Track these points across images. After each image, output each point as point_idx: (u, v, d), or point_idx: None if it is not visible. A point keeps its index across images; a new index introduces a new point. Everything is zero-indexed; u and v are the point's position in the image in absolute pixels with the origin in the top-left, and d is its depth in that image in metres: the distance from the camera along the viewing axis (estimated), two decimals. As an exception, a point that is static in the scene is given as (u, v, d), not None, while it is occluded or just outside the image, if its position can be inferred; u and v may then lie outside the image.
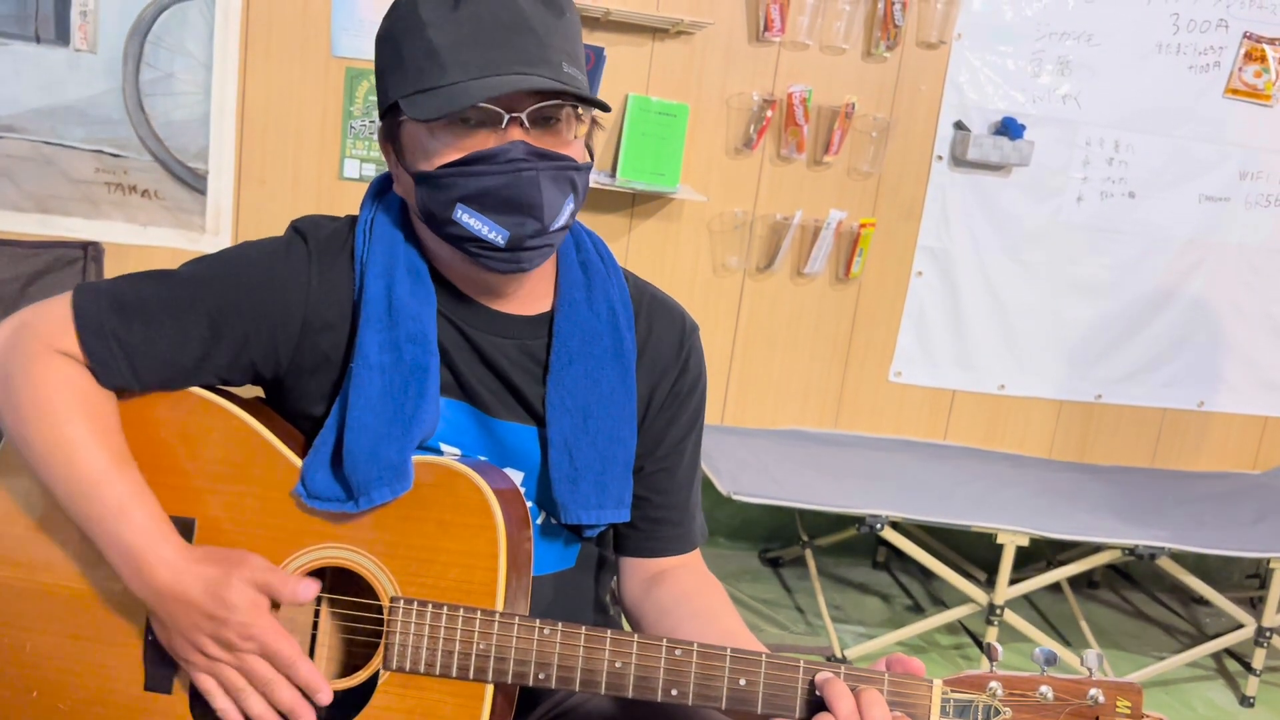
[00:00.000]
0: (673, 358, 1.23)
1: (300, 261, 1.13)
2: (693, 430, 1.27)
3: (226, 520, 1.10)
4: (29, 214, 2.84)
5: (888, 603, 3.30)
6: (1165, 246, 3.36)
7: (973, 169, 3.21)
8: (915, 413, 3.40)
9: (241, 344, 1.12)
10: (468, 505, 1.07)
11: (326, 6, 2.86)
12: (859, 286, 3.27)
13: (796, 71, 3.08)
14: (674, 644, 1.02)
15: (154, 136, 2.87)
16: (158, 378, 1.11)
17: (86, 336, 1.08)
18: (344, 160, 2.96)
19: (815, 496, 2.73)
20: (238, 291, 1.11)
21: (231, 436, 1.12)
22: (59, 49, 2.78)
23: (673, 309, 1.27)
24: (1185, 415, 3.55)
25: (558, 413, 1.15)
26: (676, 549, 1.27)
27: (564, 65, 1.03)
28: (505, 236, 1.05)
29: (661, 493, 1.25)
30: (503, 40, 1.01)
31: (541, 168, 1.03)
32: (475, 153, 1.03)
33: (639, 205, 3.12)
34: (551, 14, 1.04)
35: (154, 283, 1.12)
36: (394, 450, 1.07)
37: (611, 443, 1.17)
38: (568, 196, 1.07)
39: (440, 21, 1.02)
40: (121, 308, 1.09)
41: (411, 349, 1.10)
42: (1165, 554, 2.74)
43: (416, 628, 1.05)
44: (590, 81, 2.91)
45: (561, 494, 1.16)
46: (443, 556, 1.07)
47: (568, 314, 1.17)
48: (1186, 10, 3.17)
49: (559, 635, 1.03)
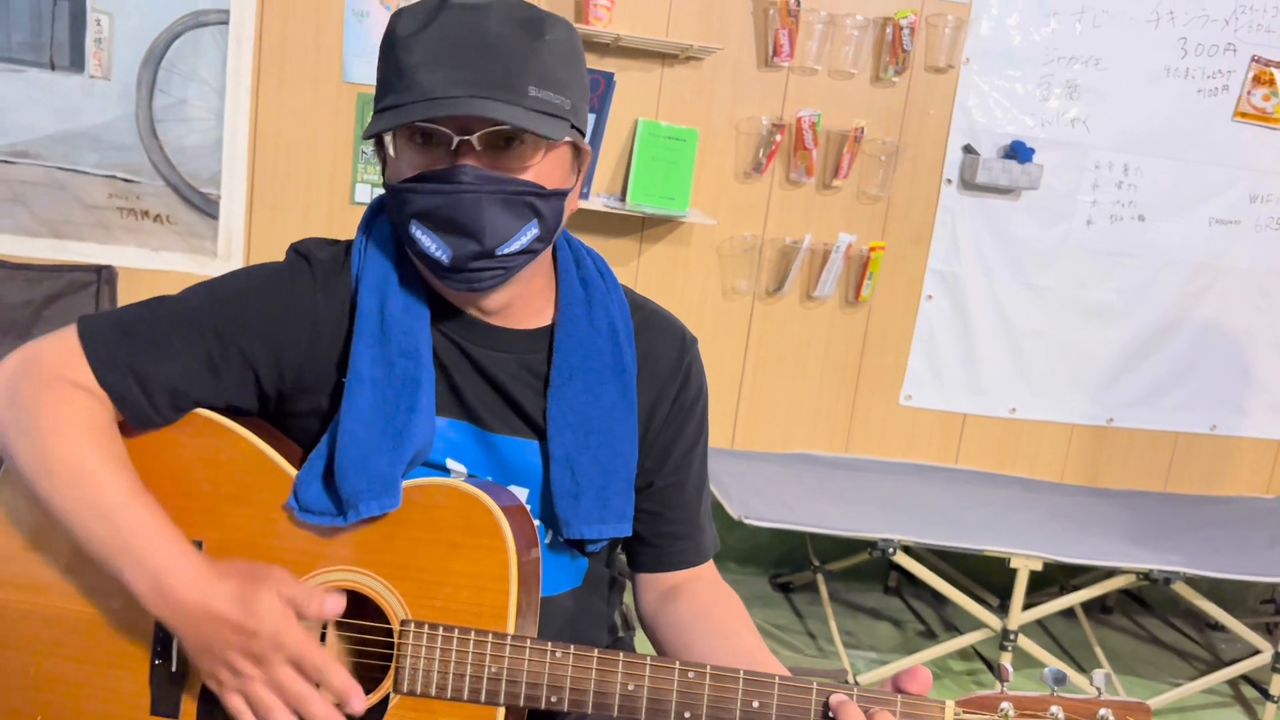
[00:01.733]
0: (672, 372, 1.24)
1: (304, 282, 1.14)
2: (698, 442, 1.28)
3: (233, 543, 1.10)
4: (42, 239, 2.86)
5: (900, 628, 3.27)
6: (1176, 270, 3.36)
7: (982, 192, 3.21)
8: (926, 436, 3.39)
9: (250, 365, 1.12)
10: (478, 527, 1.07)
11: (339, 33, 2.89)
12: (869, 310, 3.27)
13: (805, 96, 3.09)
14: (687, 666, 1.02)
15: (167, 162, 2.89)
16: (170, 402, 1.10)
17: (98, 365, 1.08)
18: (355, 185, 2.98)
19: (827, 521, 2.71)
20: (244, 313, 1.12)
21: (236, 456, 1.12)
22: (74, 76, 2.81)
23: (671, 323, 1.27)
24: (1198, 439, 3.53)
25: (559, 428, 1.16)
26: (690, 561, 1.27)
27: (530, 89, 1.02)
28: (449, 255, 1.06)
29: (673, 507, 1.25)
30: (464, 61, 1.01)
31: (486, 190, 1.03)
32: (425, 171, 1.05)
33: (649, 229, 3.13)
34: (526, 36, 1.03)
35: (159, 309, 1.12)
36: (384, 463, 1.07)
37: (613, 457, 1.17)
38: (527, 221, 1.06)
39: (409, 40, 1.03)
40: (129, 335, 1.09)
41: (403, 363, 1.10)
42: (1180, 579, 2.72)
43: (428, 651, 1.05)
44: (600, 106, 2.95)
45: (564, 509, 1.16)
46: (453, 579, 1.06)
47: (568, 329, 1.17)
48: (1194, 35, 3.18)
49: (571, 658, 1.03)
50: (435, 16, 1.03)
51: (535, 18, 1.05)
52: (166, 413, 1.11)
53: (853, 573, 3.43)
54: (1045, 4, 3.10)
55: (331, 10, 2.87)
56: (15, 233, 2.85)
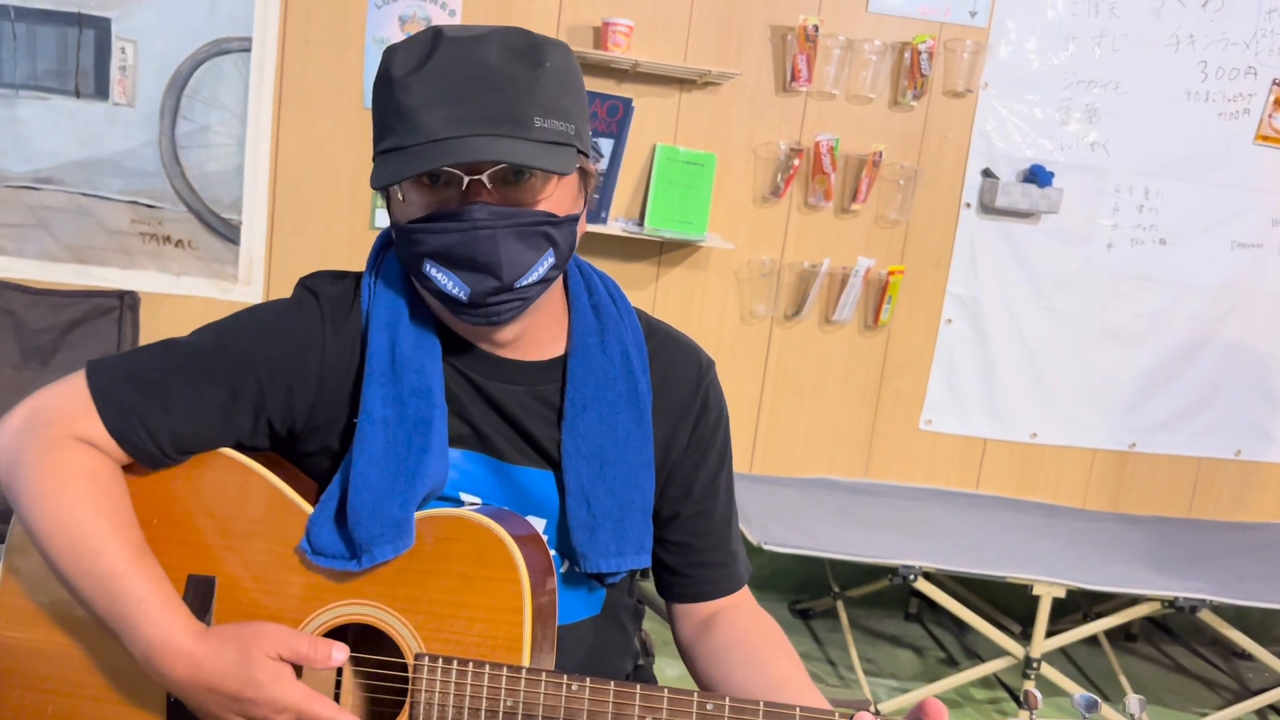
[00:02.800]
0: (690, 398, 1.22)
1: (314, 320, 1.13)
2: (723, 468, 1.26)
3: (247, 578, 1.10)
4: (65, 264, 2.89)
5: (921, 655, 3.24)
6: (1198, 293, 3.33)
7: (1001, 216, 3.20)
8: (946, 462, 3.36)
9: (260, 406, 1.12)
10: (490, 558, 1.06)
11: (359, 60, 2.91)
12: (888, 334, 3.26)
13: (823, 121, 3.09)
14: (705, 698, 1.00)
15: (189, 188, 2.92)
16: (179, 448, 1.10)
17: (108, 417, 1.08)
18: (375, 211, 3.00)
19: (847, 547, 2.69)
20: (253, 355, 1.11)
21: (250, 492, 1.11)
22: (98, 103, 2.84)
23: (687, 347, 1.25)
24: (1222, 464, 3.48)
25: (573, 460, 1.14)
26: (724, 590, 1.25)
27: (536, 120, 1.00)
28: (467, 293, 1.04)
29: (702, 535, 1.24)
30: (467, 97, 0.99)
31: (500, 226, 1.02)
32: (437, 210, 1.03)
33: (666, 253, 3.13)
34: (525, 66, 1.01)
35: (168, 354, 1.12)
36: (396, 507, 1.06)
37: (629, 488, 1.15)
38: (543, 252, 1.05)
39: (407, 80, 1.00)
40: (139, 384, 1.09)
41: (415, 403, 1.09)
42: (1206, 606, 2.68)
43: (442, 685, 1.04)
44: (619, 132, 2.96)
45: (580, 542, 1.15)
46: (466, 611, 1.05)
47: (581, 359, 1.16)
48: (1215, 58, 3.16)
49: (587, 690, 1.01)
50: (432, 52, 1.01)
51: (533, 45, 1.03)
52: (176, 457, 1.11)
53: (873, 599, 3.40)
54: (1064, 28, 3.10)
55: (352, 38, 2.90)
56: (39, 258, 2.88)
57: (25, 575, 1.12)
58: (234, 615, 1.10)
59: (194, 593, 1.10)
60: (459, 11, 2.91)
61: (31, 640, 1.12)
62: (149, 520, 1.11)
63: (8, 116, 2.81)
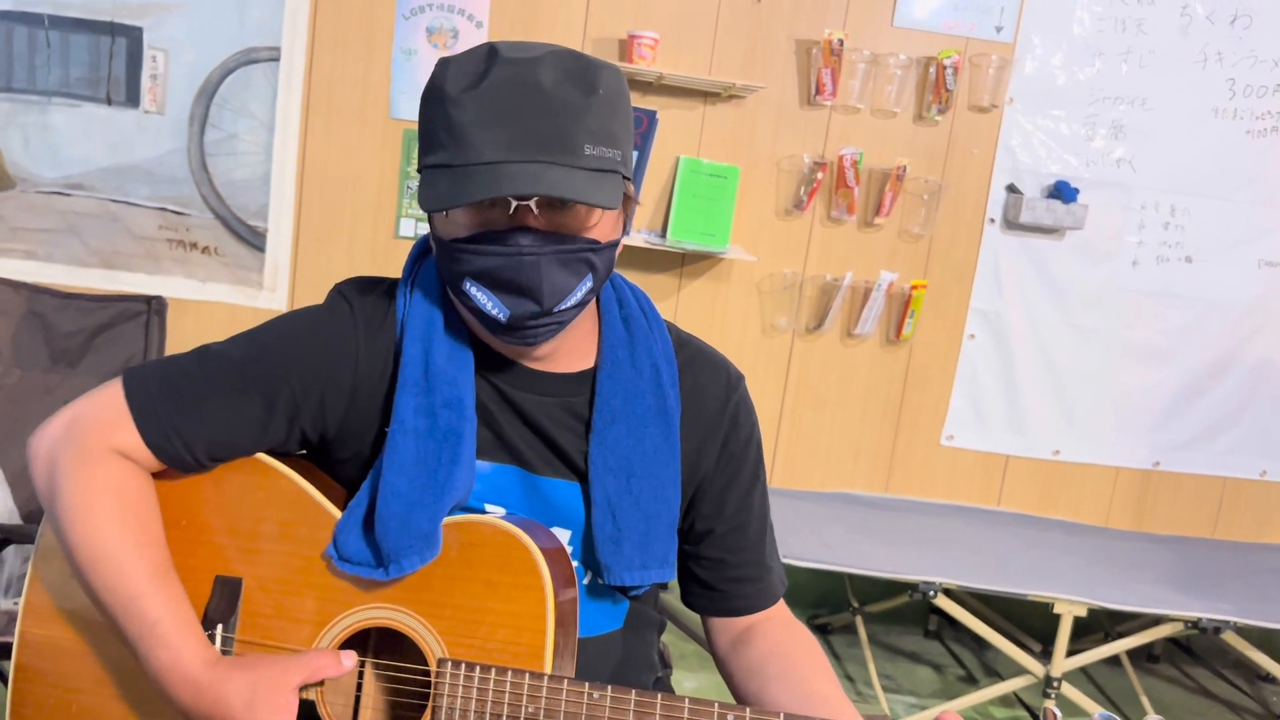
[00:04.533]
0: (718, 413, 1.22)
1: (347, 326, 1.14)
2: (756, 483, 1.26)
3: (273, 580, 1.10)
4: (94, 269, 2.92)
5: (940, 672, 3.22)
6: (1224, 312, 3.30)
7: (1025, 232, 3.18)
8: (968, 477, 3.34)
9: (294, 416, 1.13)
10: (515, 565, 1.06)
11: (386, 71, 2.93)
12: (910, 348, 3.25)
13: (848, 134, 3.09)
14: (725, 709, 1.00)
15: (216, 195, 2.94)
16: (215, 456, 1.12)
17: (144, 426, 1.09)
18: (400, 220, 3.01)
19: (866, 562, 2.68)
20: (287, 364, 1.12)
21: (279, 496, 1.12)
22: (129, 110, 2.88)
23: (717, 362, 1.25)
24: (1247, 484, 3.45)
25: (600, 472, 1.14)
26: (760, 604, 1.25)
27: (586, 148, 1.00)
28: (506, 315, 1.05)
29: (736, 551, 1.24)
30: (518, 121, 0.99)
31: (546, 252, 1.02)
32: (482, 231, 1.03)
33: (688, 265, 3.13)
34: (579, 92, 1.00)
35: (203, 364, 1.13)
36: (425, 518, 1.07)
37: (655, 502, 1.15)
38: (583, 278, 1.06)
39: (461, 98, 1.00)
40: (175, 394, 1.10)
41: (446, 414, 1.10)
42: (1231, 628, 2.65)
43: (465, 690, 1.04)
44: (643, 144, 2.97)
45: (605, 555, 1.15)
46: (490, 617, 1.06)
47: (610, 372, 1.16)
48: (1243, 75, 3.15)
49: (609, 699, 1.01)
50: (487, 72, 1.00)
51: (587, 68, 1.03)
52: (209, 465, 1.13)
53: (892, 615, 3.38)
54: (1090, 44, 3.09)
55: (379, 48, 2.92)
56: (68, 263, 2.91)
57: (54, 577, 1.13)
58: (260, 616, 1.11)
59: (221, 594, 1.11)
60: (485, 23, 2.93)
61: (58, 639, 1.13)
62: (178, 521, 1.12)
63: (40, 123, 2.85)
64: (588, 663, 1.15)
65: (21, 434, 2.35)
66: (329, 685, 1.09)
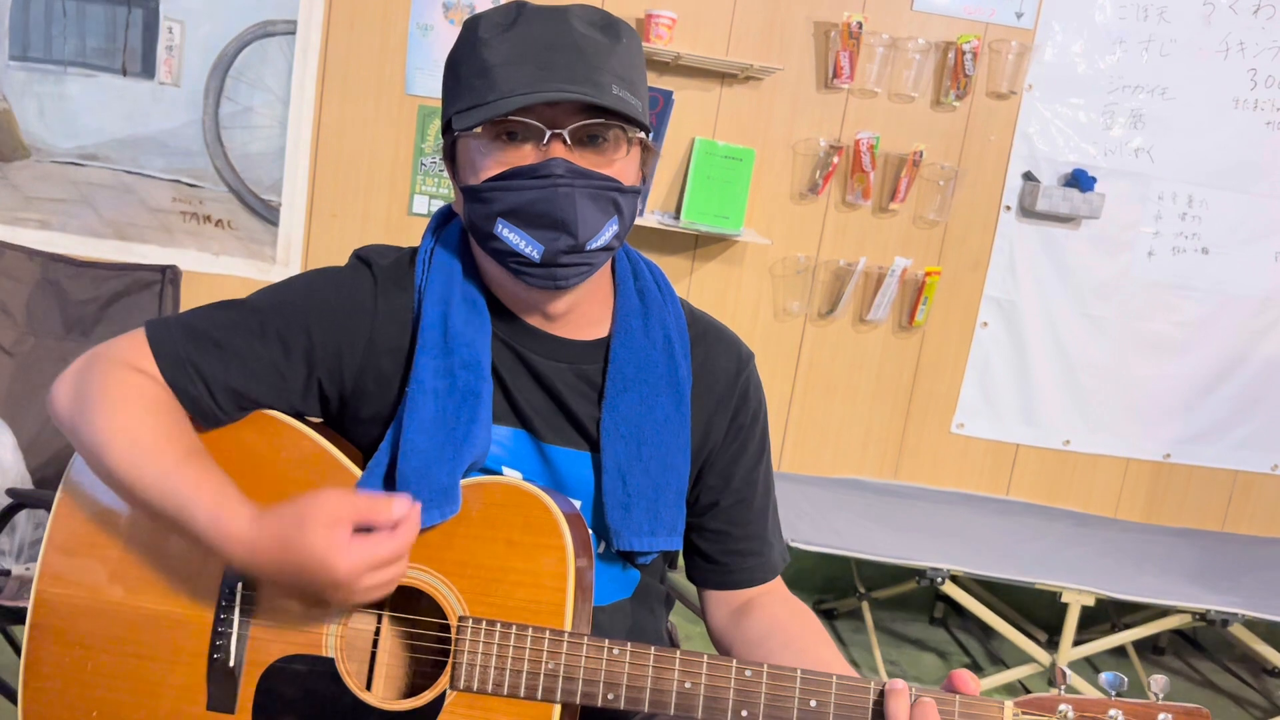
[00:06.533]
0: (729, 388, 1.23)
1: (366, 287, 1.15)
2: (762, 458, 1.27)
3: None
4: (108, 240, 2.92)
5: (945, 660, 3.21)
6: (1239, 305, 3.29)
7: (1041, 220, 3.17)
8: (977, 466, 3.34)
9: (312, 366, 1.14)
10: (536, 525, 1.06)
11: (402, 46, 2.92)
12: (922, 335, 3.24)
13: (864, 119, 3.08)
14: (744, 665, 1.01)
15: (230, 168, 2.94)
16: (234, 402, 1.12)
17: (164, 364, 1.10)
18: (414, 196, 3.01)
19: (874, 548, 2.68)
20: (307, 316, 1.13)
21: (301, 455, 1.13)
22: (144, 82, 2.87)
23: (728, 338, 1.27)
24: (1258, 479, 3.44)
25: (611, 438, 1.15)
26: (760, 578, 1.26)
27: (613, 88, 1.04)
28: (540, 251, 1.06)
29: (741, 524, 1.25)
30: (550, 60, 1.03)
31: (579, 185, 1.04)
32: (515, 168, 1.05)
33: (702, 247, 3.12)
34: (606, 37, 1.06)
35: (225, 311, 1.14)
36: (444, 473, 1.08)
37: (665, 470, 1.16)
38: (610, 217, 1.08)
39: (494, 40, 1.04)
40: (195, 337, 1.12)
41: (465, 375, 1.11)
42: (1239, 621, 2.65)
43: (485, 647, 1.04)
44: (658, 124, 2.96)
45: (614, 519, 1.16)
46: (511, 576, 1.06)
47: (624, 340, 1.18)
48: (1265, 66, 3.13)
49: (628, 655, 1.02)
50: (516, 19, 1.06)
51: (611, 21, 1.09)
52: (230, 410, 1.13)
53: (898, 601, 3.38)
54: (1111, 32, 3.07)
55: (396, 23, 2.91)
56: (82, 233, 2.91)
57: (70, 537, 1.14)
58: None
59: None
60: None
61: (74, 598, 1.13)
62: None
63: (56, 93, 2.85)
64: (599, 631, 1.15)
65: (35, 400, 2.35)
66: (347, 642, 1.09)
